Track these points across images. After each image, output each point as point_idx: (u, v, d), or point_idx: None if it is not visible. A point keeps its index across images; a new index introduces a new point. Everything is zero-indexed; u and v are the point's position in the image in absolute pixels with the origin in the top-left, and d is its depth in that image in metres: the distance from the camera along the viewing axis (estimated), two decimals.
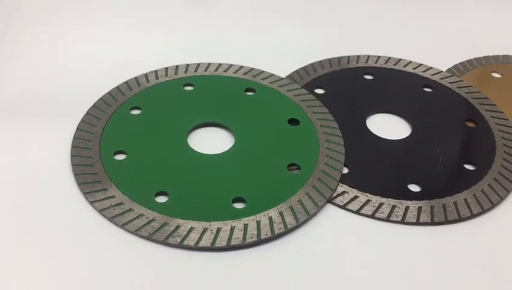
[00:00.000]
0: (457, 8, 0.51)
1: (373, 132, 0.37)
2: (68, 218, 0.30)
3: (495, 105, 0.40)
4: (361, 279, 0.28)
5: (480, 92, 0.41)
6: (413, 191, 0.33)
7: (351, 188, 0.33)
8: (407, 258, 0.29)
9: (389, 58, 0.45)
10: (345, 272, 0.29)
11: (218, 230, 0.29)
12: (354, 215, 0.32)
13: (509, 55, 0.47)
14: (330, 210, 0.32)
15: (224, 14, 0.50)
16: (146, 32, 0.47)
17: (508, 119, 0.39)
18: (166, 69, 0.42)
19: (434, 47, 0.48)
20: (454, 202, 0.32)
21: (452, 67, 0.45)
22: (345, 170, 0.34)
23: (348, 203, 0.32)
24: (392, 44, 0.48)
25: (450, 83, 0.42)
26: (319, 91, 0.41)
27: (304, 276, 0.28)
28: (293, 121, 0.37)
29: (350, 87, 0.42)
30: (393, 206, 0.32)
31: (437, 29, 0.50)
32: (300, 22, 0.50)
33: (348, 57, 0.45)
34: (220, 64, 0.43)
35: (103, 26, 0.46)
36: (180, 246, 0.29)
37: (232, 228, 0.30)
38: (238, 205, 0.31)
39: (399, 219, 0.31)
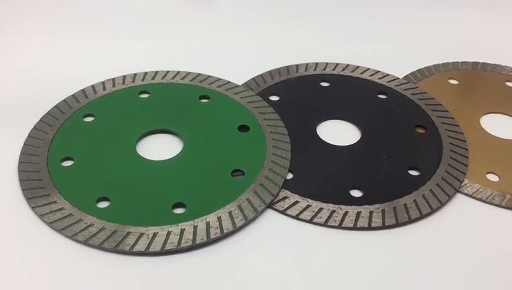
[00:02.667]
0: (417, 16, 0.52)
1: (322, 138, 0.38)
2: (11, 224, 0.31)
3: (447, 111, 0.40)
4: (293, 283, 0.29)
5: (433, 98, 0.42)
6: (354, 197, 0.33)
7: (292, 194, 0.33)
8: (341, 262, 0.30)
9: (347, 65, 0.46)
10: (277, 277, 0.29)
11: (155, 235, 0.30)
12: (293, 220, 0.32)
13: (468, 62, 0.47)
14: (270, 215, 0.32)
15: (187, 22, 0.50)
16: (107, 41, 0.47)
17: (458, 125, 0.39)
18: (124, 77, 0.43)
19: (394, 54, 0.48)
20: (393, 207, 0.33)
21: (409, 74, 0.45)
22: (290, 176, 0.35)
23: (287, 208, 0.33)
24: (353, 52, 0.48)
25: (405, 89, 0.43)
26: (274, 98, 0.42)
27: (237, 281, 0.29)
28: (243, 128, 0.38)
29: (305, 94, 0.42)
30: (333, 212, 0.32)
31: (397, 37, 0.51)
32: (262, 29, 0.51)
33: (307, 64, 0.46)
34: (178, 72, 0.43)
35: (65, 34, 0.47)
36: (116, 250, 0.29)
37: (169, 233, 0.30)
38: (178, 211, 0.32)
39: (336, 224, 0.32)
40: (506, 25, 0.53)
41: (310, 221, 0.32)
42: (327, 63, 0.46)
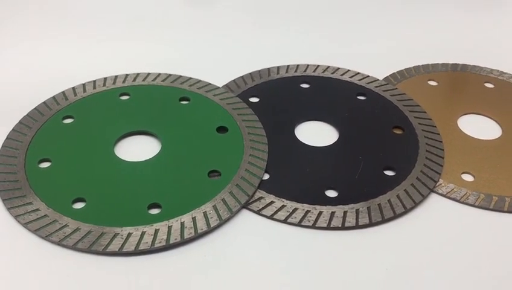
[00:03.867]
0: (398, 18, 0.52)
1: (300, 139, 0.38)
2: None
3: (425, 112, 0.41)
4: (267, 282, 0.29)
5: (412, 99, 0.42)
6: (330, 197, 0.34)
7: (268, 194, 0.34)
8: (314, 261, 0.30)
9: (328, 67, 0.46)
10: (250, 276, 0.29)
11: (129, 235, 0.30)
12: (268, 220, 0.32)
13: (448, 63, 0.47)
14: (246, 215, 0.33)
15: (169, 25, 0.51)
16: (90, 43, 0.48)
17: (435, 126, 0.39)
18: (105, 79, 0.43)
19: (375, 56, 0.49)
20: (368, 207, 0.33)
21: (389, 75, 0.46)
22: (266, 176, 0.35)
23: (262, 208, 0.33)
24: (335, 53, 0.49)
25: (384, 90, 0.43)
26: (254, 100, 0.42)
27: (209, 280, 0.29)
28: (222, 129, 0.38)
29: (285, 95, 0.43)
30: (307, 212, 0.33)
31: (378, 39, 0.51)
32: (244, 31, 0.51)
33: (288, 66, 0.46)
34: (159, 74, 0.44)
35: (47, 36, 0.47)
36: (89, 251, 0.30)
37: (143, 233, 0.30)
38: (154, 211, 0.32)
39: (310, 224, 0.32)
40: (486, 27, 0.53)
41: (284, 221, 0.32)
42: (308, 65, 0.46)
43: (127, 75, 0.43)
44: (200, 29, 0.51)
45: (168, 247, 0.30)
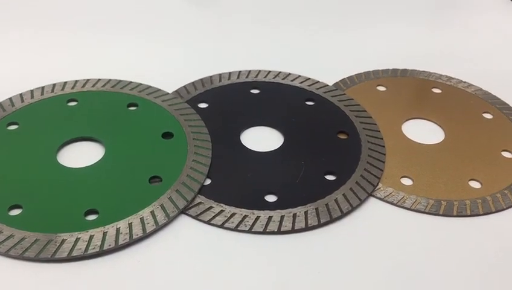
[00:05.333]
0: (351, 24, 0.53)
1: (245, 144, 0.39)
2: None
3: (370, 117, 0.41)
4: (200, 288, 0.29)
5: (359, 104, 0.43)
6: (269, 202, 0.34)
7: (207, 199, 0.34)
8: (250, 266, 0.30)
9: (279, 72, 0.46)
10: (183, 282, 0.29)
11: (63, 241, 0.30)
12: (206, 225, 0.33)
13: (398, 69, 0.48)
14: (184, 221, 0.33)
15: (124, 31, 0.51)
16: (40, 49, 0.48)
17: (379, 131, 0.40)
18: (54, 85, 0.43)
19: (326, 62, 0.49)
20: (305, 212, 0.33)
21: (340, 81, 0.46)
22: (208, 182, 0.35)
23: (200, 213, 0.33)
24: (289, 59, 0.49)
25: (332, 96, 0.44)
26: (203, 105, 0.42)
27: (141, 286, 0.29)
28: (167, 135, 0.38)
29: (234, 101, 0.43)
30: (245, 216, 0.33)
31: (330, 45, 0.52)
32: (198, 38, 0.51)
33: (239, 71, 0.46)
34: (109, 80, 0.44)
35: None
36: (22, 257, 0.29)
37: (77, 240, 0.30)
38: (91, 217, 0.32)
39: (247, 229, 0.32)
40: (436, 33, 0.54)
41: (221, 226, 0.32)
42: (259, 71, 0.47)
43: (76, 81, 0.43)
44: (155, 35, 0.51)
45: (102, 253, 0.30)
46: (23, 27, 0.49)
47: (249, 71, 0.47)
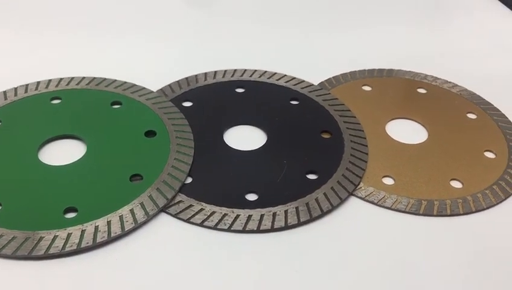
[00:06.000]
0: (338, 24, 0.53)
1: (228, 143, 0.39)
2: None
3: (354, 117, 0.41)
4: (177, 286, 0.29)
5: (343, 104, 0.43)
6: (249, 200, 0.34)
7: (188, 198, 0.34)
8: (228, 264, 0.30)
9: (265, 71, 0.46)
10: (159, 280, 0.29)
11: (40, 239, 0.30)
12: (185, 224, 0.33)
13: (384, 69, 0.48)
14: (163, 219, 0.33)
15: (107, 29, 0.51)
16: (25, 46, 0.48)
17: (362, 130, 0.40)
18: (38, 83, 0.43)
19: (313, 62, 0.49)
20: (285, 211, 0.33)
21: (325, 80, 0.46)
22: (189, 180, 0.35)
23: (180, 212, 0.33)
24: (276, 59, 0.49)
25: (317, 96, 0.44)
26: (187, 104, 0.42)
27: (118, 284, 0.29)
28: (150, 133, 0.38)
29: (218, 100, 0.43)
30: (224, 215, 0.33)
31: (317, 45, 0.52)
32: (186, 36, 0.51)
33: (225, 70, 0.46)
34: (94, 78, 0.44)
35: None
36: None
37: (55, 237, 0.30)
38: (70, 215, 0.32)
39: (226, 227, 0.32)
40: (423, 34, 0.54)
41: (201, 224, 0.32)
42: (245, 70, 0.47)
43: (61, 79, 0.43)
44: (142, 34, 0.51)
45: (80, 251, 0.30)
46: (8, 25, 0.49)
47: (235, 70, 0.46)
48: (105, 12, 0.51)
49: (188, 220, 0.33)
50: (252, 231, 0.32)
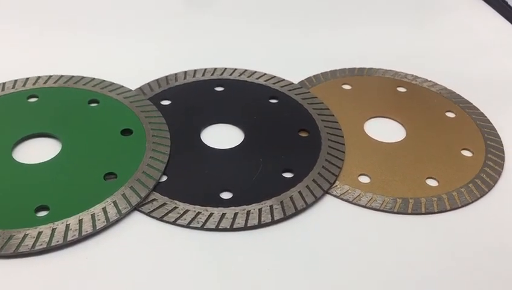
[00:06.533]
0: (320, 23, 0.53)
1: (205, 141, 0.38)
2: None
3: (332, 115, 0.41)
4: (147, 285, 0.29)
5: (322, 102, 0.43)
6: (224, 199, 0.34)
7: (162, 196, 0.34)
8: (200, 262, 0.30)
9: (245, 70, 0.46)
10: (131, 279, 0.29)
11: (10, 237, 0.30)
12: (159, 222, 0.32)
13: (364, 68, 0.48)
14: (137, 217, 0.33)
15: (88, 27, 0.51)
16: (3, 45, 0.47)
17: (340, 129, 0.40)
18: (15, 81, 0.42)
19: (295, 60, 0.49)
20: (259, 209, 0.33)
21: (305, 79, 0.46)
22: (164, 178, 0.35)
23: (153, 210, 0.33)
24: (257, 58, 0.49)
25: (296, 94, 0.44)
26: (165, 102, 0.42)
27: (88, 282, 0.29)
28: (126, 131, 0.38)
29: (197, 98, 0.43)
30: (198, 213, 0.33)
31: (298, 44, 0.52)
32: (168, 34, 0.51)
33: (205, 69, 0.46)
34: (72, 76, 0.43)
35: None
36: None
37: (25, 236, 0.30)
38: (42, 213, 0.32)
39: (199, 225, 0.32)
40: (403, 33, 0.55)
41: (174, 223, 0.32)
42: (225, 68, 0.46)
43: (38, 77, 0.43)
44: (122, 32, 0.51)
45: (50, 249, 0.30)
46: None
47: (215, 69, 0.46)
48: (86, 10, 0.51)
49: (161, 219, 0.32)
50: (225, 230, 0.32)
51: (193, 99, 0.43)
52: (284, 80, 0.45)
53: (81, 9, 0.51)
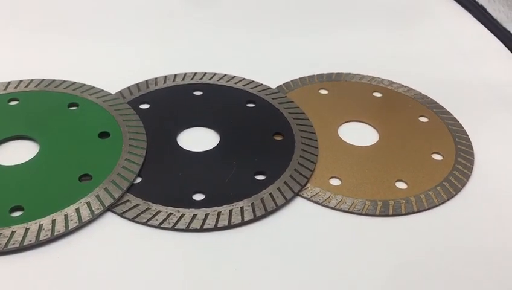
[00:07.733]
0: (299, 29, 0.54)
1: (181, 144, 0.39)
2: None
3: (307, 119, 0.42)
4: (118, 284, 0.30)
5: (298, 107, 0.43)
6: (196, 200, 0.35)
7: (136, 197, 0.35)
8: (169, 262, 0.31)
9: (224, 75, 0.47)
10: (101, 279, 0.30)
11: None
12: (130, 223, 0.33)
13: (341, 73, 0.49)
14: (110, 218, 0.33)
15: (72, 31, 0.51)
16: None
17: (314, 133, 0.41)
18: None
19: (273, 65, 0.50)
20: (230, 210, 0.34)
21: (283, 84, 0.47)
22: (139, 180, 0.36)
23: (126, 211, 0.34)
24: (236, 62, 0.50)
25: (273, 98, 0.44)
26: (144, 106, 0.43)
27: (59, 282, 0.29)
28: (104, 134, 0.39)
29: (176, 102, 0.44)
30: (169, 214, 0.33)
31: (277, 49, 0.53)
32: (149, 38, 0.52)
33: (185, 73, 0.47)
34: (54, 80, 0.44)
35: None
36: None
37: None
38: (16, 214, 0.32)
39: (170, 226, 0.33)
40: (380, 39, 0.55)
41: (145, 223, 0.33)
42: (205, 73, 0.47)
43: (20, 81, 0.44)
44: (104, 37, 0.51)
45: (23, 248, 0.31)
46: None
47: (195, 73, 0.47)
48: (69, 15, 0.52)
49: (133, 219, 0.33)
50: (195, 230, 0.33)
51: (171, 103, 0.44)
52: (261, 84, 0.46)
53: (64, 14, 0.52)
